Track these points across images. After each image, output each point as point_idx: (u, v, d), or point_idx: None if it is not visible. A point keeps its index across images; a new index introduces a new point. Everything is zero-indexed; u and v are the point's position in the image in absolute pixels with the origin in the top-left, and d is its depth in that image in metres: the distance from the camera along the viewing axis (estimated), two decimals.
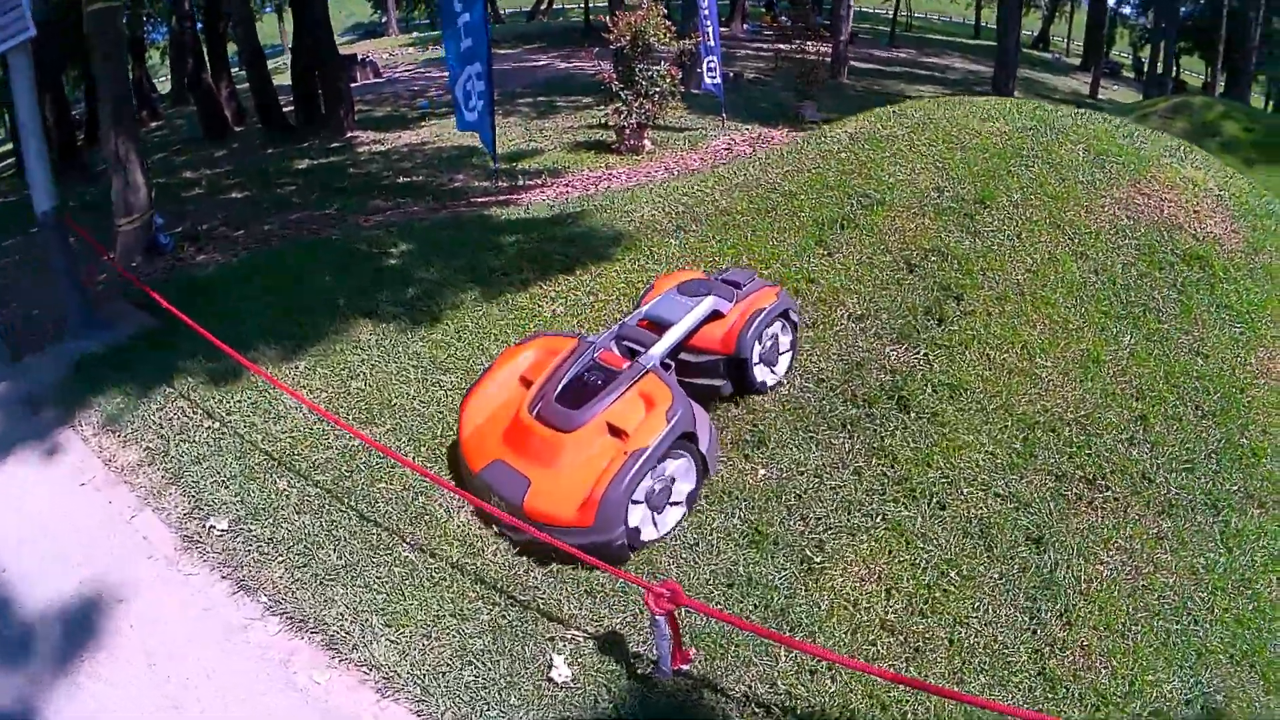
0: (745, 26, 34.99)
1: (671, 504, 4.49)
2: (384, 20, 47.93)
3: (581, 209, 8.29)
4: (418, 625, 4.01)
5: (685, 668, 3.74)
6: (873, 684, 3.66)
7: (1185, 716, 3.63)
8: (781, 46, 19.18)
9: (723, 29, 14.02)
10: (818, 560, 4.26)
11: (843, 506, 4.54)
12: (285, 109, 17.11)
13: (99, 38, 7.76)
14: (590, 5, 37.86)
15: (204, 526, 4.67)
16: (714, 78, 14.19)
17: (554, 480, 4.35)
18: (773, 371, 5.33)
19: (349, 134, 15.33)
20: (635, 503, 4.26)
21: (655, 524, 4.45)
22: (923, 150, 6.74)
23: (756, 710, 3.62)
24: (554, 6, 50.16)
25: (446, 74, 10.12)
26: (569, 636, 3.96)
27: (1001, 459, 4.68)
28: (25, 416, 6.03)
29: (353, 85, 17.62)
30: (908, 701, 3.60)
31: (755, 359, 5.17)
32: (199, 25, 19.36)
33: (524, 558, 4.40)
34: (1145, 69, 36.14)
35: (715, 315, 5.24)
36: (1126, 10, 47.35)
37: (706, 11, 14.01)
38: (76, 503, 5.02)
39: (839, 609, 4.03)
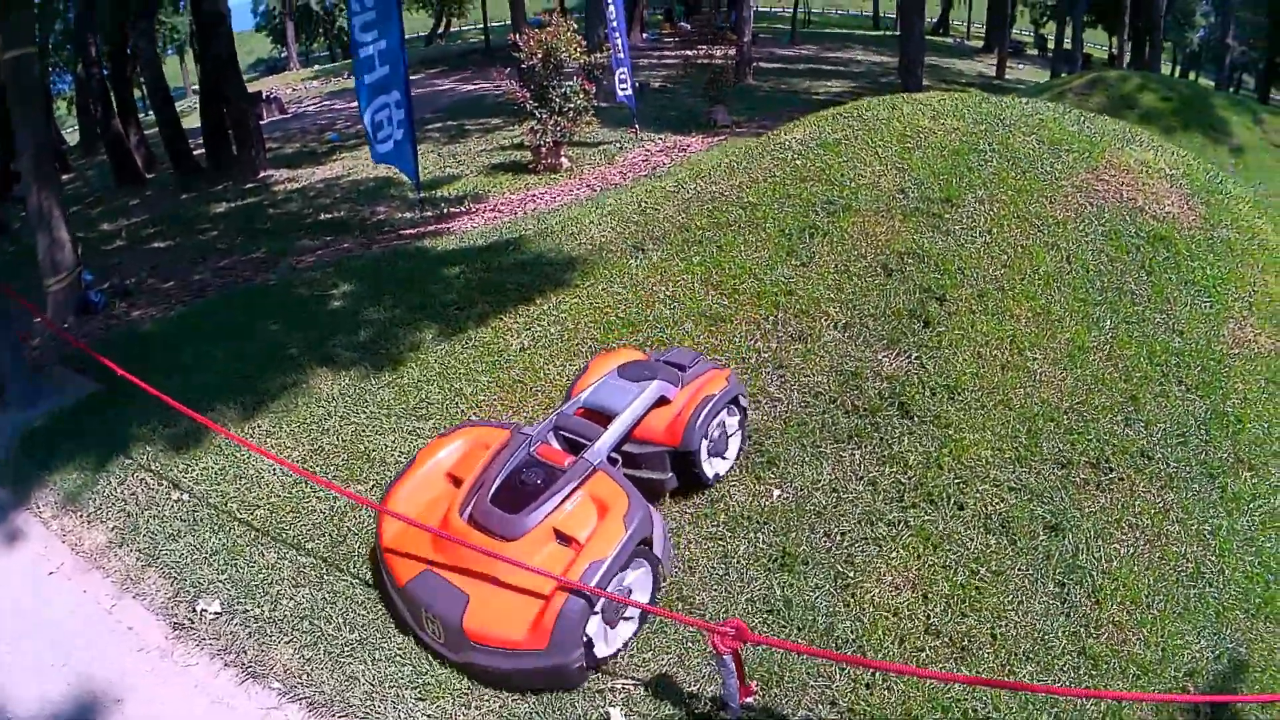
0: (644, 35, 36.54)
1: (625, 619, 4.50)
2: (284, 55, 50.78)
3: (520, 234, 8.87)
4: (453, 695, 4.31)
5: (750, 701, 4.18)
6: (929, 688, 4.23)
7: (1216, 671, 4.36)
8: (687, 53, 20.35)
9: None
10: (851, 575, 4.84)
11: (865, 519, 5.15)
12: (195, 152, 18.10)
13: (16, 87, 7.94)
14: (489, 26, 40.89)
15: (194, 610, 4.87)
16: (626, 89, 15.31)
17: (496, 596, 4.31)
18: (723, 458, 5.45)
19: (262, 173, 16.39)
20: (593, 614, 4.24)
21: (607, 639, 4.43)
22: (879, 152, 7.54)
23: None
24: (450, 29, 53.38)
25: (350, 105, 10.69)
26: (618, 688, 4.34)
27: (1008, 453, 5.39)
28: None
29: (260, 123, 18.59)
30: (966, 700, 4.18)
31: (704, 453, 5.27)
32: (105, 71, 20.19)
33: None
34: (1051, 46, 39.22)
35: (661, 401, 5.35)
36: None
37: (615, 23, 15.11)
38: (48, 594, 5.11)
39: (881, 620, 4.60)
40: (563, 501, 4.55)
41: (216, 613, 4.87)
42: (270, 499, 5.62)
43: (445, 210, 11.83)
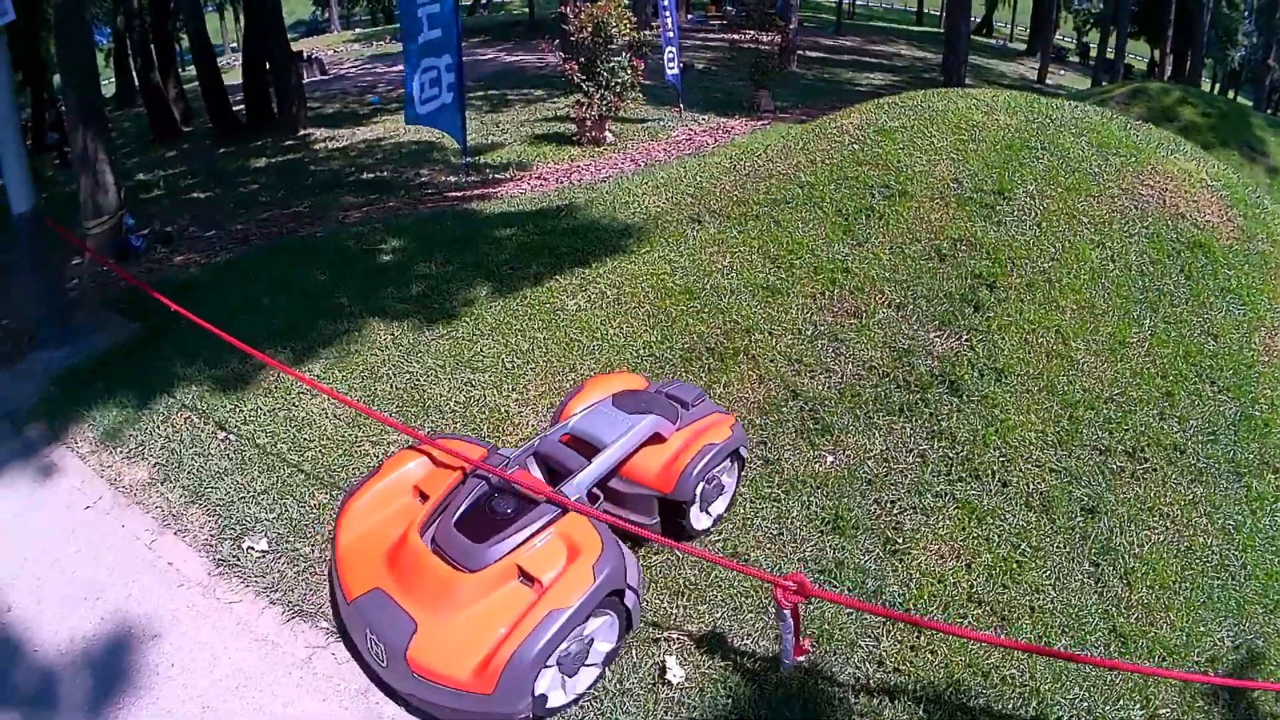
0: (690, 17, 36.80)
1: (586, 665, 4.12)
2: (326, 17, 51.59)
3: (570, 201, 8.87)
4: None
5: (801, 660, 4.30)
6: (971, 653, 4.39)
7: (1235, 660, 4.53)
8: (732, 36, 20.37)
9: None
10: (899, 541, 4.99)
11: (913, 489, 5.29)
12: (235, 109, 17.85)
13: (63, 32, 7.88)
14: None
15: (239, 548, 4.81)
16: (673, 68, 15.30)
17: (446, 629, 3.89)
18: (708, 514, 5.04)
19: (302, 131, 16.15)
20: (546, 667, 3.86)
21: (565, 687, 4.05)
22: (935, 141, 7.58)
23: (870, 689, 4.26)
24: (494, 0, 54.27)
25: (392, 69, 10.64)
26: (673, 639, 4.45)
27: (1050, 436, 5.52)
28: (8, 435, 5.95)
29: (302, 82, 18.39)
30: (1004, 667, 4.34)
31: (696, 506, 4.90)
32: (146, 23, 20.05)
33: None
34: (1095, 53, 38.86)
35: (655, 439, 4.90)
36: None
37: (666, 2, 15.05)
38: (84, 529, 4.97)
39: (927, 586, 4.76)
40: (531, 537, 4.16)
41: (264, 551, 4.78)
42: (321, 441, 5.58)
43: (490, 176, 11.81)
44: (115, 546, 4.85)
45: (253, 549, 4.80)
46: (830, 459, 5.54)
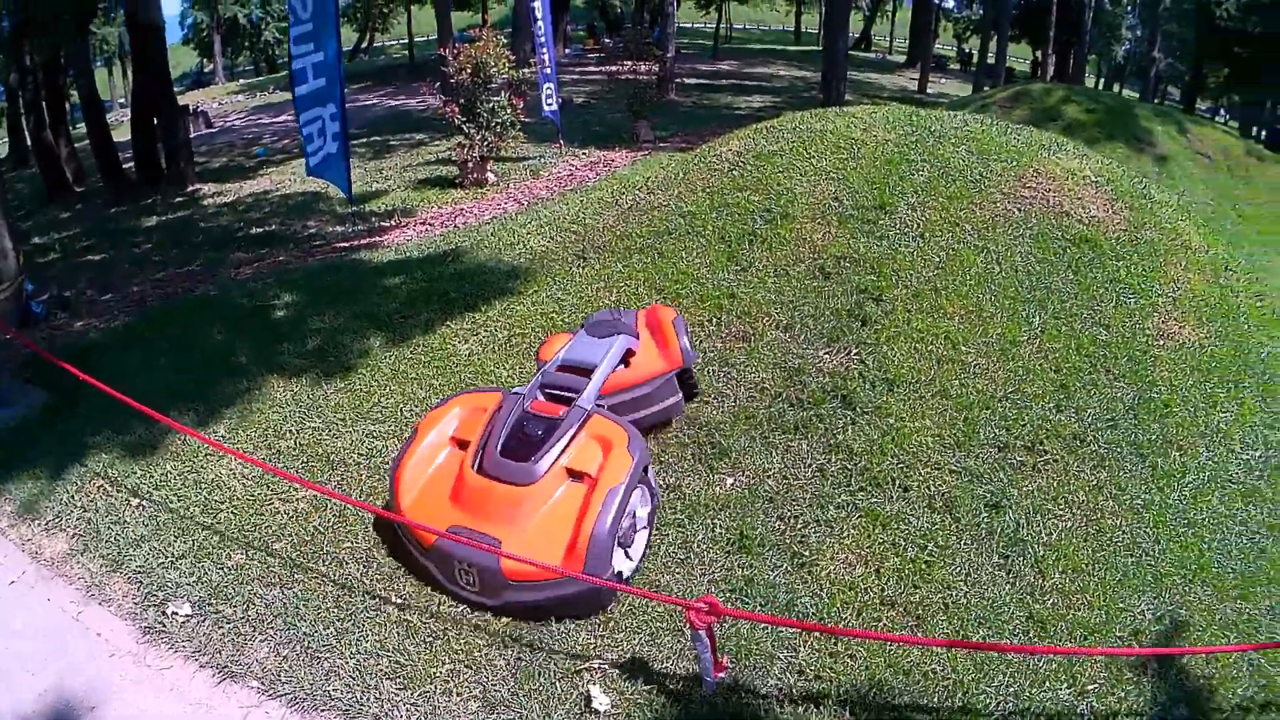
0: (567, 51, 38.87)
1: (637, 531, 5.26)
2: (210, 69, 54.98)
3: (456, 246, 9.39)
4: (435, 682, 4.58)
5: (722, 676, 4.56)
6: (890, 654, 4.67)
7: (1159, 630, 4.91)
8: (610, 68, 21.46)
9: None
10: (806, 554, 5.27)
11: (815, 502, 5.61)
12: (124, 165, 18.61)
13: None
14: (414, 41, 44.01)
15: (164, 614, 5.02)
16: (552, 104, 16.24)
17: (527, 536, 4.88)
18: (629, 558, 5.40)
19: (191, 187, 17.09)
20: (617, 546, 4.90)
21: (629, 556, 5.20)
22: (814, 162, 8.16)
23: (794, 698, 4.49)
24: (374, 44, 56.90)
25: (277, 120, 11.13)
26: (594, 667, 4.66)
27: (948, 439, 5.94)
28: None
29: (189, 137, 19.45)
30: (925, 664, 4.64)
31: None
32: (38, 81, 20.61)
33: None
34: (975, 60, 41.92)
35: (628, 353, 6.06)
36: (949, 4, 55.28)
37: (542, 38, 15.98)
38: (10, 604, 5.21)
39: (839, 595, 5.03)
40: (569, 444, 5.18)
41: (188, 615, 5.02)
42: (232, 502, 5.86)
43: (376, 224, 12.59)
44: (45, 619, 5.08)
45: (176, 614, 5.04)
46: (730, 481, 5.84)
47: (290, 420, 6.68)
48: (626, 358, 6.05)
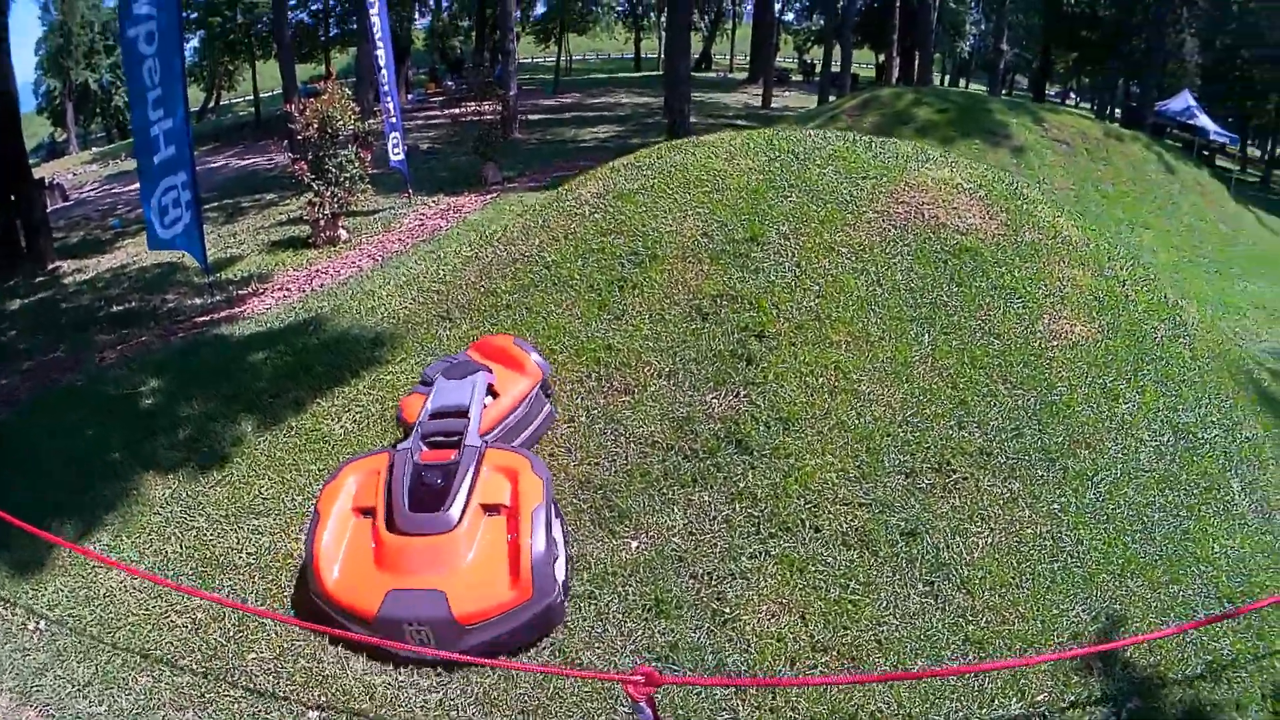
0: (410, 96, 40.52)
1: (559, 550, 5.62)
2: (64, 138, 56.87)
3: (316, 313, 9.58)
4: None
5: None
6: (832, 700, 4.84)
7: (1097, 629, 5.25)
8: (454, 111, 23.08)
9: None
10: (727, 611, 5.39)
11: (727, 555, 5.73)
12: None
13: None
14: (259, 97, 45.89)
15: None
16: (399, 153, 17.08)
17: (467, 580, 5.22)
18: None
19: (51, 265, 17.50)
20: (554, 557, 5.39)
21: (562, 569, 5.57)
22: (678, 198, 8.41)
23: None
24: (221, 103, 58.74)
25: (129, 189, 11.22)
26: None
27: (852, 472, 6.15)
28: None
29: (46, 212, 19.66)
30: (869, 703, 4.81)
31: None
32: None
33: (449, 684, 5.15)
34: (820, 69, 44.21)
35: (490, 388, 6.48)
36: (789, 17, 58.58)
37: (386, 86, 16.87)
38: None
39: (768, 647, 5.17)
40: (474, 482, 5.58)
41: None
42: (129, 618, 5.83)
43: (234, 293, 13.05)
44: None
45: None
46: (635, 544, 5.90)
47: (173, 522, 6.70)
48: (492, 391, 6.44)
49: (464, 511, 5.44)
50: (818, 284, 7.42)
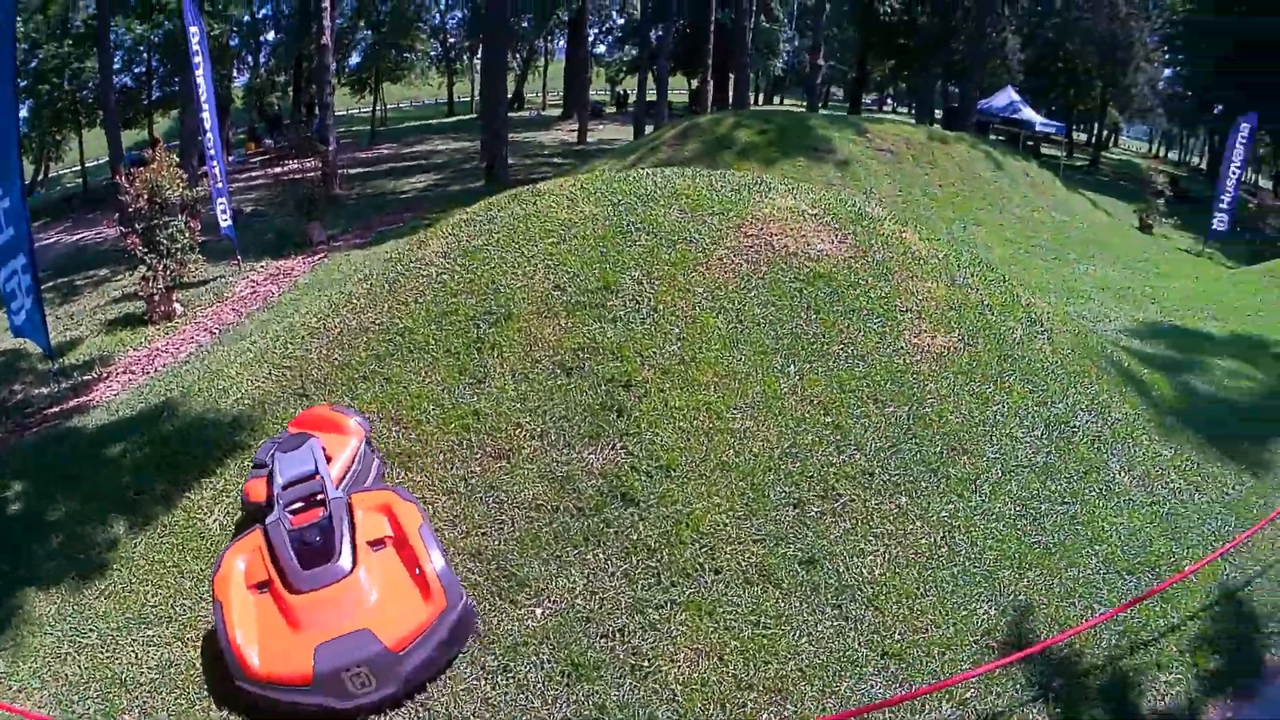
0: (231, 158, 38.88)
1: None
2: None
3: (166, 398, 9.28)
4: None
5: None
6: None
7: (1009, 622, 5.65)
8: (275, 170, 22.95)
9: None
10: (645, 665, 5.52)
11: (634, 609, 5.85)
12: None
13: None
14: (86, 166, 44.56)
15: None
16: (227, 220, 16.96)
17: (384, 613, 5.58)
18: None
19: None
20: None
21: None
22: (525, 251, 8.49)
23: None
24: (50, 175, 54.44)
25: None
26: None
27: (741, 510, 6.40)
28: None
29: None
30: None
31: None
32: None
33: None
34: (634, 100, 45.18)
35: (324, 449, 6.66)
36: (600, 49, 60.37)
37: (212, 150, 16.68)
38: None
39: (695, 694, 5.33)
40: (353, 526, 6.01)
41: None
42: None
43: (80, 379, 12.88)
44: None
45: None
46: (540, 611, 5.94)
47: (65, 641, 6.38)
48: (325, 455, 6.62)
49: (354, 554, 5.85)
50: (678, 327, 7.60)
